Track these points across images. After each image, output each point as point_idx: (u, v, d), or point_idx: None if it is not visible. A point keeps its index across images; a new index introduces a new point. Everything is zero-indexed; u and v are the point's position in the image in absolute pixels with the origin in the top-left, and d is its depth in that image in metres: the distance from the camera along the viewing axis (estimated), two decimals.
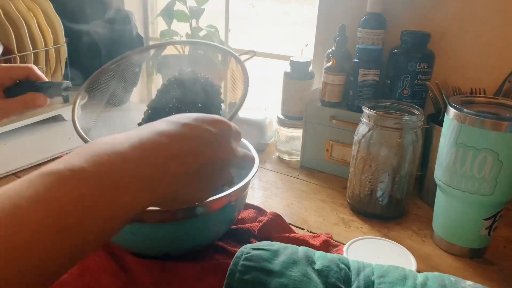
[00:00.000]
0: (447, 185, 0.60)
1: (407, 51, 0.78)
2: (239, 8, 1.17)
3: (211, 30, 1.01)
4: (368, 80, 0.79)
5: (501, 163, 0.55)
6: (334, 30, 0.87)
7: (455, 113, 0.57)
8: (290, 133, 0.93)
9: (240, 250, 0.44)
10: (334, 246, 0.62)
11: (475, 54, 0.80)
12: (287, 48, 1.12)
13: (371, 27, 0.83)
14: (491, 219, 0.60)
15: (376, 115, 0.67)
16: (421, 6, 0.82)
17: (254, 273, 0.41)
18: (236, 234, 0.63)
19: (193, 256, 0.58)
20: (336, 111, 0.83)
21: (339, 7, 0.91)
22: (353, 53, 0.83)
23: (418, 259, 0.58)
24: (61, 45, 1.01)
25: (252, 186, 0.82)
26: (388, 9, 0.84)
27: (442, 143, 0.61)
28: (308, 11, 1.07)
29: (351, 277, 0.43)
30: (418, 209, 0.76)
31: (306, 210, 0.74)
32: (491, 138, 0.54)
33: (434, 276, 0.43)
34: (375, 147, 0.68)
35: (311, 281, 0.41)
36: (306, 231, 0.68)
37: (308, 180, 0.85)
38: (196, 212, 0.53)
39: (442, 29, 0.81)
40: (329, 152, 0.86)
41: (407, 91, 0.79)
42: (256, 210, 0.69)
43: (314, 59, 0.98)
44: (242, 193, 0.60)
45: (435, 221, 0.66)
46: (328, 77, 0.83)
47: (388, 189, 0.70)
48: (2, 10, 0.90)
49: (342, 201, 0.77)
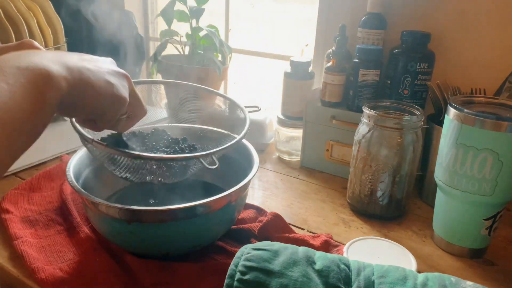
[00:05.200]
0: (447, 185, 0.60)
1: (407, 51, 0.78)
2: (239, 8, 1.17)
3: (211, 30, 1.00)
4: (368, 80, 0.79)
5: (501, 163, 0.55)
6: (334, 30, 0.87)
7: (455, 113, 0.57)
8: (290, 133, 0.93)
9: (240, 250, 0.44)
10: (334, 246, 0.62)
11: (475, 54, 0.80)
12: (287, 48, 1.12)
13: (371, 27, 0.83)
14: (491, 219, 0.60)
15: (376, 115, 0.67)
16: (421, 6, 0.82)
17: (254, 273, 0.41)
18: (236, 234, 0.63)
19: (193, 256, 0.58)
20: (336, 111, 0.83)
21: (339, 7, 0.91)
22: (353, 53, 0.83)
23: (418, 259, 0.58)
24: (61, 45, 1.01)
25: (252, 186, 0.82)
26: (388, 9, 0.84)
27: (442, 143, 0.61)
28: (308, 11, 1.07)
29: (351, 277, 0.43)
30: (418, 209, 0.76)
31: (306, 210, 0.74)
32: (491, 138, 0.54)
33: (434, 276, 0.43)
34: (375, 147, 0.68)
35: (311, 281, 0.41)
36: (306, 231, 0.68)
37: (308, 180, 0.85)
38: (196, 212, 0.53)
39: (442, 29, 0.81)
40: (329, 152, 0.86)
41: (407, 91, 0.79)
42: (256, 210, 0.69)
43: (314, 59, 0.98)
44: (242, 193, 0.60)
45: (435, 221, 0.66)
46: (328, 77, 0.83)
47: (388, 189, 0.70)
48: (2, 10, 0.90)
49: (342, 201, 0.77)
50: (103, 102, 0.42)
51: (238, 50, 1.14)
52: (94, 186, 0.62)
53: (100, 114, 0.44)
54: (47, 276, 0.53)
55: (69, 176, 0.57)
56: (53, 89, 0.35)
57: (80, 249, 0.59)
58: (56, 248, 0.59)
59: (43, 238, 0.61)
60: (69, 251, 0.59)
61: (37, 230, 0.63)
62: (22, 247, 0.58)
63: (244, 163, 0.66)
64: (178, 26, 1.05)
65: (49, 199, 0.71)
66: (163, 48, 1.03)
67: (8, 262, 0.57)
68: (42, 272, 0.53)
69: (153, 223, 0.53)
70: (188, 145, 0.63)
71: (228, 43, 1.08)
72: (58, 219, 0.66)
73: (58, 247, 0.60)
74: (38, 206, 0.69)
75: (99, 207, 0.53)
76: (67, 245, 0.60)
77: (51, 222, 0.65)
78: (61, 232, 0.63)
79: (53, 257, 0.57)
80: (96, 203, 0.53)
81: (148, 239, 0.54)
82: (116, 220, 0.53)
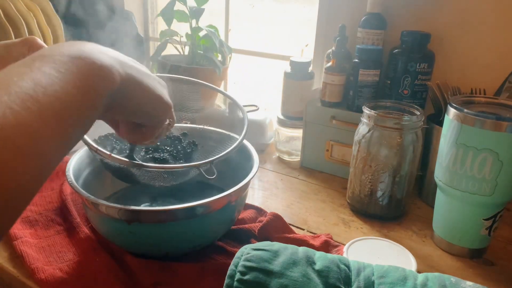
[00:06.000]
0: (447, 185, 0.60)
1: (407, 51, 0.78)
2: (239, 8, 1.17)
3: (211, 30, 1.01)
4: (368, 80, 0.79)
5: (501, 163, 0.55)
6: (334, 30, 0.87)
7: (455, 113, 0.57)
8: (290, 133, 0.93)
9: (240, 251, 0.44)
10: (334, 246, 0.62)
11: (475, 54, 0.80)
12: (287, 48, 1.12)
13: (371, 27, 0.83)
14: (491, 219, 0.60)
15: (376, 115, 0.67)
16: (421, 6, 0.82)
17: (254, 274, 0.41)
18: (236, 234, 0.63)
19: (193, 256, 0.58)
20: (336, 111, 0.83)
21: (339, 7, 0.91)
22: (353, 53, 0.83)
23: (418, 259, 0.58)
24: None
25: (252, 186, 0.82)
26: (388, 9, 0.84)
27: (442, 143, 0.61)
28: (308, 11, 1.07)
29: (351, 277, 0.43)
30: (418, 209, 0.76)
31: (306, 211, 0.74)
32: (491, 138, 0.54)
33: (434, 276, 0.43)
34: (375, 147, 0.68)
35: (311, 282, 0.41)
36: (306, 232, 0.68)
37: (308, 180, 0.85)
38: (196, 212, 0.53)
39: (442, 29, 0.81)
40: (329, 152, 0.86)
41: (407, 91, 0.79)
42: (256, 210, 0.69)
43: (314, 59, 0.98)
44: (242, 193, 0.60)
45: (435, 221, 0.66)
46: (328, 77, 0.83)
47: (388, 189, 0.70)
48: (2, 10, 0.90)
49: (342, 201, 0.77)
50: (153, 104, 0.41)
51: (238, 50, 1.14)
52: (94, 186, 0.62)
53: (150, 117, 0.42)
54: (47, 277, 0.53)
55: (69, 176, 0.57)
56: (105, 81, 0.33)
57: (80, 249, 0.59)
58: (56, 249, 0.59)
59: (43, 238, 0.61)
60: (69, 251, 0.59)
61: (37, 230, 0.63)
62: (22, 247, 0.58)
63: (244, 163, 0.66)
64: (178, 26, 1.05)
65: (49, 199, 0.71)
66: (163, 48, 1.03)
67: (8, 262, 0.57)
68: (42, 272, 0.53)
69: (153, 223, 0.53)
70: (188, 142, 0.65)
71: (228, 43, 1.08)
72: (58, 219, 0.66)
73: (58, 247, 0.60)
74: (38, 206, 0.69)
75: (99, 208, 0.53)
76: (67, 245, 0.60)
77: (51, 222, 0.65)
78: (61, 232, 0.63)
79: (53, 257, 0.57)
80: (96, 203, 0.53)
81: (148, 239, 0.54)
82: (116, 220, 0.53)
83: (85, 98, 0.31)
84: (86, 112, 0.31)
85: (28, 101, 0.26)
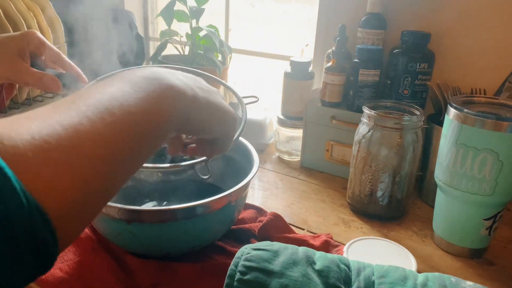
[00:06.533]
0: (447, 185, 0.60)
1: (407, 51, 0.78)
2: (239, 8, 1.17)
3: (211, 30, 1.01)
4: (368, 80, 0.79)
5: (501, 163, 0.55)
6: (334, 30, 0.87)
7: (456, 113, 0.57)
8: (290, 133, 0.93)
9: (240, 251, 0.44)
10: (334, 246, 0.62)
11: (475, 54, 0.80)
12: (287, 48, 1.12)
13: (371, 27, 0.83)
14: (491, 219, 0.60)
15: (376, 115, 0.67)
16: (421, 6, 0.82)
17: (254, 274, 0.41)
18: (236, 234, 0.63)
19: (193, 256, 0.58)
20: (336, 111, 0.83)
21: (339, 7, 0.91)
22: (353, 53, 0.83)
23: (418, 259, 0.58)
24: (61, 45, 1.01)
25: (252, 186, 0.82)
26: (388, 9, 0.84)
27: (442, 143, 0.61)
28: (308, 11, 1.07)
29: (351, 277, 0.43)
30: (418, 209, 0.76)
31: (306, 210, 0.74)
32: (491, 138, 0.54)
33: (434, 276, 0.43)
34: (375, 147, 0.68)
35: (311, 282, 0.41)
36: (306, 231, 0.68)
37: (308, 180, 0.85)
38: (196, 212, 0.53)
39: (442, 29, 0.81)
40: (329, 152, 0.86)
41: (407, 91, 0.79)
42: (256, 210, 0.69)
43: (314, 59, 0.98)
44: (242, 193, 0.60)
45: (435, 221, 0.66)
46: (328, 77, 0.83)
47: (388, 189, 0.70)
48: (2, 10, 0.90)
49: (342, 201, 0.77)
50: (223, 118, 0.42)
51: (238, 50, 1.14)
52: None
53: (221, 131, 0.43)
54: (47, 276, 0.53)
55: None
56: (178, 101, 0.35)
57: (80, 249, 0.59)
58: None
59: None
60: (69, 251, 0.59)
61: None
62: None
63: (244, 163, 0.66)
64: (178, 26, 1.05)
65: None
66: (163, 48, 1.03)
67: None
68: None
69: (153, 223, 0.53)
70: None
71: (228, 43, 1.08)
72: None
73: None
74: None
75: None
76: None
77: None
78: None
79: None
80: None
81: (148, 239, 0.54)
82: (116, 220, 0.53)
83: (158, 116, 0.32)
84: (156, 130, 0.32)
85: (104, 113, 0.28)
